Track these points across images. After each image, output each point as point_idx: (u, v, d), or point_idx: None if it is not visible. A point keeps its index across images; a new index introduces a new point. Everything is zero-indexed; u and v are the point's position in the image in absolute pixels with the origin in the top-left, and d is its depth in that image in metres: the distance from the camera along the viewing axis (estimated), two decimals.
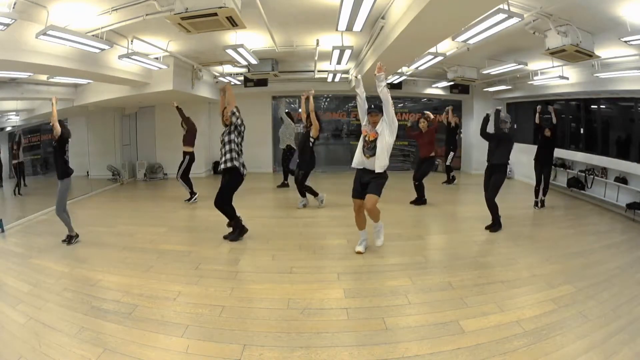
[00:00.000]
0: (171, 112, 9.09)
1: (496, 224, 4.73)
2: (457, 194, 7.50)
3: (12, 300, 2.95)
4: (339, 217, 5.31)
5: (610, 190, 6.08)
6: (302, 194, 5.95)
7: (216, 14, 3.30)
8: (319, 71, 8.02)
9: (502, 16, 3.35)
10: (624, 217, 5.53)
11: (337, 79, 8.64)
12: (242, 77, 8.57)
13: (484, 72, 6.88)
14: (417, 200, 6.15)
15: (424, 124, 6.27)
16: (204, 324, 2.59)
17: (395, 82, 9.01)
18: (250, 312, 2.76)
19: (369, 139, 3.75)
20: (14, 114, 7.96)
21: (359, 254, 3.86)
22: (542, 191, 6.01)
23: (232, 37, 5.31)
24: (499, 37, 4.25)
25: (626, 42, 4.18)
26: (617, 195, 5.89)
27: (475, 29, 3.76)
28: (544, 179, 5.98)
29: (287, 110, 8.37)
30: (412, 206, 6.05)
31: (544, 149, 5.94)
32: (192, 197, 6.45)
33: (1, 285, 3.25)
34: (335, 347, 2.32)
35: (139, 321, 2.62)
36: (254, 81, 8.53)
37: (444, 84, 8.88)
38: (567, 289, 3.07)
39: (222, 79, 8.48)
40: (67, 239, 4.23)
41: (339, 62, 5.96)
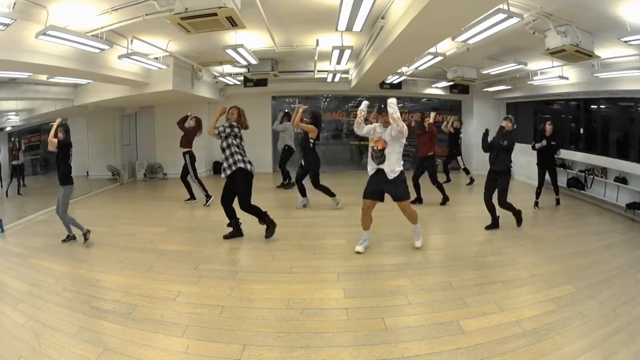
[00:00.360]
0: (171, 112, 9.14)
1: (519, 220, 4.80)
2: (457, 194, 7.49)
3: (11, 300, 2.95)
4: (339, 217, 5.31)
5: (610, 190, 6.08)
6: (302, 194, 5.94)
7: (216, 14, 3.30)
8: (318, 71, 8.03)
9: (501, 16, 3.36)
10: (623, 217, 5.53)
11: (337, 79, 8.64)
12: (242, 77, 8.57)
13: (484, 72, 6.87)
14: (416, 199, 6.16)
15: (428, 122, 6.26)
16: (204, 324, 2.59)
17: (395, 82, 9.01)
18: (250, 312, 2.76)
19: (377, 148, 3.75)
20: (14, 114, 7.99)
21: (358, 253, 3.86)
22: (555, 192, 6.13)
23: (232, 37, 5.30)
24: (499, 37, 4.25)
25: (626, 42, 4.17)
26: (617, 195, 5.89)
27: (475, 29, 3.76)
28: (551, 181, 6.01)
29: (286, 110, 8.36)
30: (411, 206, 6.03)
31: (544, 152, 5.93)
32: (207, 200, 6.23)
33: (1, 285, 3.25)
34: (335, 347, 2.32)
35: (139, 321, 2.62)
36: (253, 81, 8.53)
37: (444, 84, 8.87)
38: (567, 289, 3.07)
39: (221, 79, 8.48)
40: (82, 237, 4.25)
41: (338, 62, 5.96)
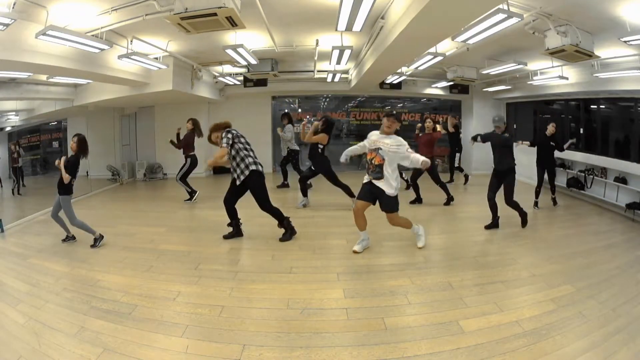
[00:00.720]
0: (171, 112, 9.15)
1: (524, 221, 4.79)
2: (457, 194, 7.48)
3: (11, 300, 2.95)
4: (339, 217, 5.31)
5: (609, 190, 6.08)
6: (303, 194, 5.95)
7: (216, 14, 3.30)
8: (318, 71, 8.02)
9: (501, 16, 3.36)
10: (623, 217, 5.54)
11: (336, 79, 8.64)
12: (241, 77, 8.56)
13: (484, 72, 6.87)
14: (416, 199, 6.17)
15: (429, 124, 6.27)
16: (204, 324, 2.59)
17: (394, 82, 9.01)
18: (249, 312, 2.76)
19: (374, 162, 3.68)
20: (14, 114, 8.01)
21: (355, 253, 3.86)
22: (551, 191, 6.08)
23: (231, 37, 5.30)
24: (499, 37, 4.25)
25: (626, 42, 4.17)
26: (617, 195, 5.89)
27: (474, 29, 3.76)
28: (549, 180, 5.99)
29: (286, 110, 8.34)
30: (411, 206, 6.05)
31: (543, 151, 5.93)
32: (192, 197, 6.47)
33: (1, 285, 3.25)
34: (334, 347, 2.32)
35: (139, 321, 2.62)
36: (253, 81, 8.53)
37: (444, 84, 8.87)
38: (566, 289, 3.07)
39: (221, 79, 8.47)
40: (93, 241, 4.20)
41: (338, 62, 5.95)
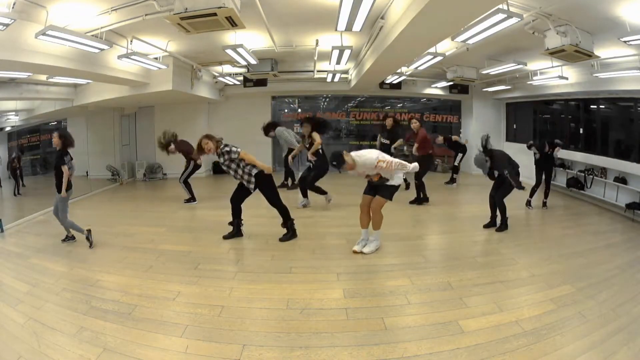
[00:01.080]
0: (171, 112, 9.15)
1: (503, 225, 4.73)
2: (457, 194, 7.50)
3: (11, 300, 2.95)
4: (339, 217, 5.31)
5: (609, 190, 6.08)
6: (304, 194, 5.94)
7: (215, 14, 3.30)
8: (318, 71, 8.02)
9: (501, 16, 3.36)
10: (623, 217, 5.54)
11: (336, 79, 8.64)
12: (241, 77, 8.56)
13: (484, 72, 6.87)
14: (416, 199, 6.16)
15: (415, 124, 6.32)
16: (204, 324, 2.59)
17: (394, 82, 9.01)
18: (249, 312, 2.76)
19: (372, 181, 3.87)
20: (14, 114, 8.00)
21: (355, 253, 3.86)
22: (544, 193, 6.01)
23: (231, 37, 5.30)
24: (499, 37, 4.25)
25: (625, 42, 4.18)
26: (617, 195, 5.89)
27: (474, 29, 3.76)
28: (545, 181, 5.97)
29: (286, 110, 8.32)
30: (411, 206, 6.05)
31: (544, 158, 5.92)
32: (190, 201, 6.48)
33: (1, 285, 3.25)
34: (334, 347, 2.32)
35: (139, 321, 2.62)
36: (253, 81, 8.52)
37: (443, 84, 8.87)
38: (566, 289, 3.07)
39: (221, 79, 8.47)
40: (87, 240, 4.20)
41: (338, 62, 5.96)
